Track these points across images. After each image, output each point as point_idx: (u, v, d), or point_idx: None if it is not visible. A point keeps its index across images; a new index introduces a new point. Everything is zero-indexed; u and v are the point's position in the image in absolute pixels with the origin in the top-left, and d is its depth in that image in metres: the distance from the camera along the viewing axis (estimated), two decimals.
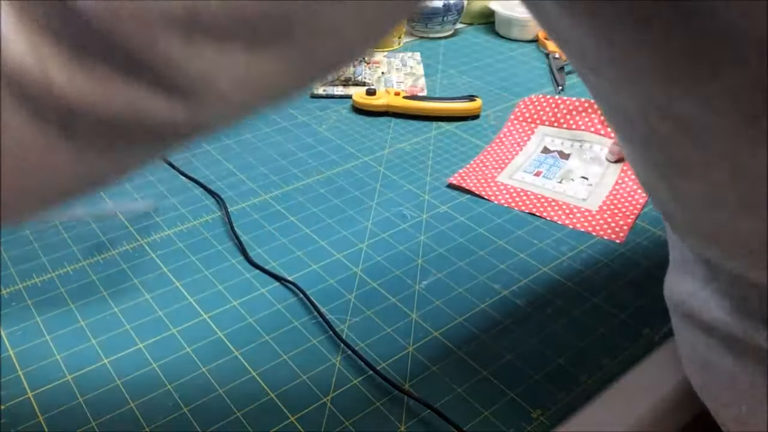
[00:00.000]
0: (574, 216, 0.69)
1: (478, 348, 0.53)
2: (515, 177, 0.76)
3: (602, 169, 0.77)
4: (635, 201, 0.71)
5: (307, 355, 0.52)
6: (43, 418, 0.46)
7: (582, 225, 0.68)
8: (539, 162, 0.79)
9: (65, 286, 0.58)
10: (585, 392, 0.49)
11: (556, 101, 0.85)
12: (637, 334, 0.55)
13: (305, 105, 0.92)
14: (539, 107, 0.86)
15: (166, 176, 0.75)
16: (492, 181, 0.75)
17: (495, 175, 0.76)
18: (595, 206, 0.71)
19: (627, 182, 0.74)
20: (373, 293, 0.58)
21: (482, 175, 0.76)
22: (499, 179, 0.75)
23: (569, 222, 0.68)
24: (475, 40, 1.17)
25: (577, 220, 0.69)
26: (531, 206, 0.71)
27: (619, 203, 0.71)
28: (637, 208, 0.70)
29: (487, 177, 0.75)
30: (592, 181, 0.75)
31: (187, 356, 0.52)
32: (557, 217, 0.69)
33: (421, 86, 0.97)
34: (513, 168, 0.77)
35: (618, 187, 0.74)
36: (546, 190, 0.73)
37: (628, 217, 0.69)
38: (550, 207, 0.70)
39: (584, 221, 0.69)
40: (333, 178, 0.75)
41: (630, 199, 0.72)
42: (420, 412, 0.47)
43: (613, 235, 0.67)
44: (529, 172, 0.76)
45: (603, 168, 0.77)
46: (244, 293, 0.58)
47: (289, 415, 0.47)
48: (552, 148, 0.81)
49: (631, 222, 0.68)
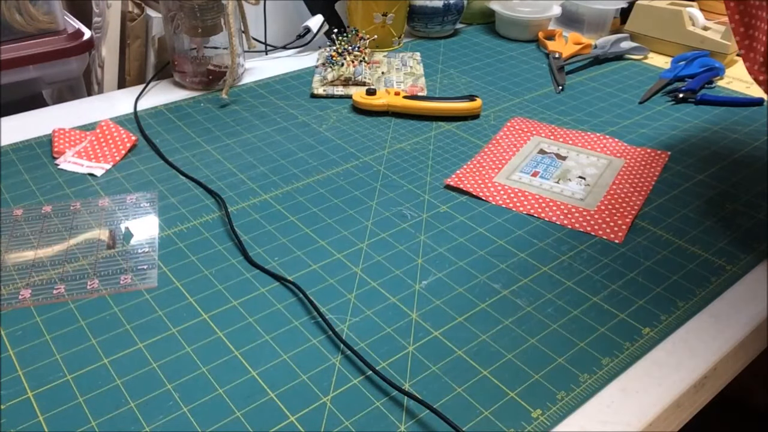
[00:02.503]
0: (573, 216, 0.69)
1: (478, 348, 0.53)
2: (512, 177, 0.76)
3: (599, 170, 0.77)
4: (633, 201, 0.71)
5: (307, 355, 0.52)
6: (43, 418, 0.46)
7: (581, 225, 0.68)
8: (536, 162, 0.78)
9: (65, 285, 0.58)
10: (585, 392, 0.49)
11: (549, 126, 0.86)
12: (637, 334, 0.55)
13: (305, 105, 0.92)
14: (532, 126, 0.87)
15: (166, 176, 0.75)
16: (489, 182, 0.74)
17: (492, 175, 0.76)
18: (593, 206, 0.71)
19: (624, 183, 0.74)
20: (373, 293, 0.58)
21: (479, 176, 0.76)
22: (496, 180, 0.75)
23: (568, 222, 0.68)
24: (475, 40, 1.17)
25: (576, 220, 0.69)
26: (529, 207, 0.70)
27: (617, 203, 0.71)
28: (635, 208, 0.70)
29: (484, 178, 0.75)
30: (589, 181, 0.75)
31: (187, 356, 0.52)
32: (555, 217, 0.69)
33: (421, 86, 0.97)
34: (510, 168, 0.77)
35: (615, 187, 0.74)
36: (543, 191, 0.73)
37: (627, 217, 0.69)
38: (548, 207, 0.70)
39: (583, 221, 0.68)
40: (333, 178, 0.75)
41: (628, 200, 0.71)
42: (419, 413, 0.47)
43: (612, 234, 0.66)
44: (526, 173, 0.76)
45: (599, 169, 0.77)
46: (244, 293, 0.58)
47: (289, 415, 0.47)
48: (548, 150, 0.81)
49: (629, 222, 0.68)
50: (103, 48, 0.98)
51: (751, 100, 0.94)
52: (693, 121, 0.90)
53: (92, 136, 0.80)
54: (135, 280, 0.59)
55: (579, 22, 1.20)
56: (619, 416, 0.48)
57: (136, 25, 0.99)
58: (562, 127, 0.86)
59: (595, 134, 0.84)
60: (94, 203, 0.69)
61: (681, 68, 1.01)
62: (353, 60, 0.96)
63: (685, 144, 0.84)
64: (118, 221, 0.67)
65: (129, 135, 0.80)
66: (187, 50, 0.92)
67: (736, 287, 0.60)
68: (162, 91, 0.95)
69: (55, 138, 0.79)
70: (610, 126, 0.87)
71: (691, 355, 0.53)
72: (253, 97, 0.94)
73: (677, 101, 0.95)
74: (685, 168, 0.78)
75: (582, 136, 0.84)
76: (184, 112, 0.89)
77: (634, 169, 0.77)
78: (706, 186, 0.75)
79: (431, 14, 1.13)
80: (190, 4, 0.87)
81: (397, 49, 1.12)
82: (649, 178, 0.76)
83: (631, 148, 0.82)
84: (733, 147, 0.83)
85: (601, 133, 0.85)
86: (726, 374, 0.56)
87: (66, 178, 0.74)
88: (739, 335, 0.55)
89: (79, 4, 1.06)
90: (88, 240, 0.64)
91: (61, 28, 0.93)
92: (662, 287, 0.60)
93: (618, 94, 0.97)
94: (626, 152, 0.81)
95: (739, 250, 0.65)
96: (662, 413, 0.49)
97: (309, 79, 1.00)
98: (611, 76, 1.03)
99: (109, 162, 0.77)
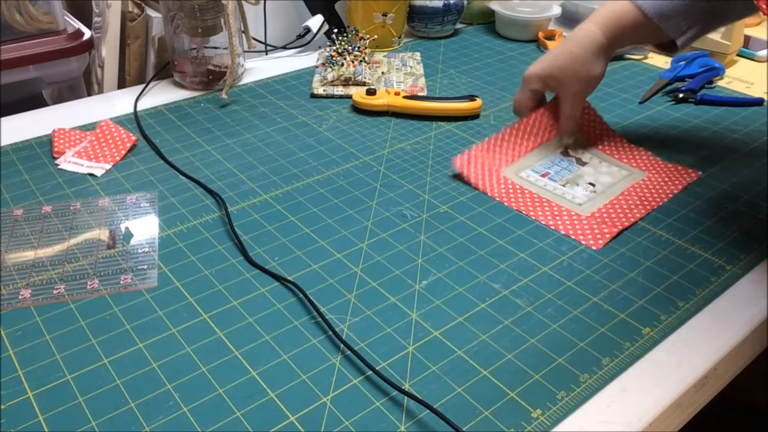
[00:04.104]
0: (561, 218, 0.68)
1: (478, 348, 0.53)
2: (521, 174, 0.75)
3: (613, 179, 0.75)
4: (632, 213, 0.69)
5: (307, 355, 0.52)
6: (43, 418, 0.46)
7: (564, 228, 0.67)
8: (552, 163, 0.77)
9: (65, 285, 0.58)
10: (585, 392, 0.49)
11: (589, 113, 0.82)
12: (637, 334, 0.55)
13: (305, 105, 0.92)
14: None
15: (166, 176, 0.75)
16: (495, 173, 0.73)
17: (501, 166, 0.75)
18: (588, 212, 0.69)
19: (633, 194, 0.72)
20: (373, 293, 0.58)
21: (489, 164, 0.74)
22: (504, 173, 0.74)
23: (552, 223, 0.67)
24: (475, 40, 1.17)
25: (561, 222, 0.68)
26: (521, 204, 0.70)
27: (613, 212, 0.69)
28: (630, 220, 0.68)
29: (492, 167, 0.74)
30: (597, 189, 0.73)
31: (187, 356, 0.52)
32: (543, 217, 0.68)
33: (421, 86, 0.97)
34: (523, 165, 0.76)
35: (622, 197, 0.72)
36: (545, 191, 0.72)
37: (615, 227, 0.67)
38: (540, 207, 0.70)
39: (568, 224, 0.67)
40: (333, 178, 0.75)
41: (627, 211, 0.69)
42: (419, 413, 0.47)
43: (592, 240, 0.65)
44: (537, 172, 0.75)
45: (614, 179, 0.75)
46: (244, 293, 0.58)
47: (289, 415, 0.47)
48: (573, 153, 0.79)
49: (616, 232, 0.66)
50: (103, 48, 0.98)
51: (751, 100, 0.94)
52: (693, 121, 0.90)
53: (92, 136, 0.80)
54: (135, 280, 0.59)
55: (579, 22, 1.19)
56: (619, 416, 0.48)
57: (136, 25, 0.99)
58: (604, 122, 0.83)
59: (629, 144, 0.81)
60: (94, 203, 0.69)
61: (681, 68, 1.01)
62: (353, 60, 0.96)
63: (685, 144, 0.84)
64: (118, 221, 0.67)
65: (129, 135, 0.80)
66: (187, 50, 0.92)
67: (736, 287, 0.60)
68: (162, 91, 0.95)
69: (55, 138, 0.79)
70: (610, 126, 0.87)
71: (691, 355, 0.53)
72: (253, 97, 0.94)
73: (677, 101, 0.95)
74: None
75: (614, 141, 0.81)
76: (184, 112, 0.89)
77: (653, 183, 0.74)
78: (706, 186, 0.75)
79: (431, 14, 1.13)
80: (190, 4, 0.87)
81: (397, 49, 1.12)
82: (663, 194, 0.72)
83: (662, 163, 0.78)
84: (733, 147, 0.83)
85: None
86: (726, 374, 0.56)
87: (66, 178, 0.74)
88: (739, 335, 0.55)
89: (79, 4, 1.06)
90: (88, 240, 0.64)
91: (61, 28, 0.93)
92: (662, 287, 0.60)
93: (618, 94, 0.97)
94: (653, 166, 0.78)
95: (739, 250, 0.65)
96: (662, 413, 0.49)
97: (309, 79, 1.00)
98: (611, 76, 1.03)
99: (109, 162, 0.77)
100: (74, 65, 0.95)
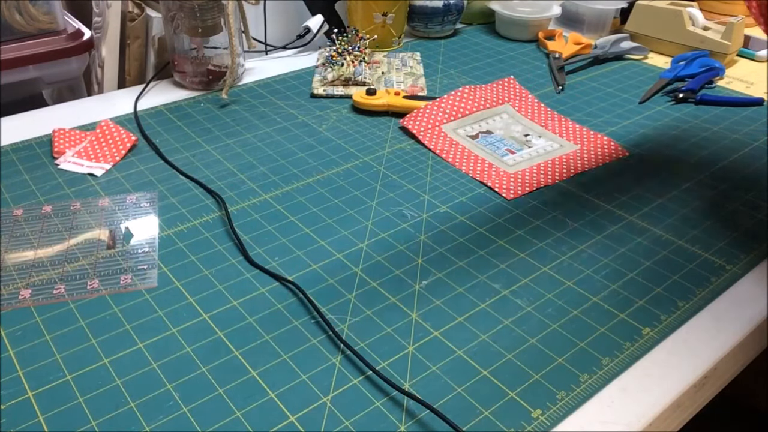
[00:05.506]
0: (488, 172, 0.75)
1: (478, 348, 0.53)
2: (458, 131, 0.82)
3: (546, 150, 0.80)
4: (552, 175, 0.75)
5: (307, 355, 0.52)
6: (43, 418, 0.46)
7: (482, 177, 0.74)
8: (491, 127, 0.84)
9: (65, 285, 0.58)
10: (585, 392, 0.49)
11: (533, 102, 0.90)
12: (637, 334, 0.55)
13: (305, 105, 0.92)
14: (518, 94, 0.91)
15: (166, 176, 0.75)
16: (438, 127, 0.82)
17: (444, 122, 0.83)
18: (513, 171, 0.76)
19: (561, 162, 0.78)
20: (373, 293, 0.58)
21: (434, 118, 0.83)
22: (444, 128, 0.82)
23: (479, 177, 0.74)
24: (475, 40, 1.17)
25: (488, 175, 0.75)
26: (453, 156, 0.78)
27: (536, 173, 0.75)
28: (548, 180, 0.74)
29: (436, 121, 0.83)
30: (530, 154, 0.79)
31: (187, 356, 0.52)
32: (472, 171, 0.75)
33: (421, 86, 0.97)
34: (462, 123, 0.84)
35: (550, 162, 0.78)
36: (477, 148, 0.80)
37: (529, 186, 0.73)
38: (469, 160, 0.77)
39: (488, 175, 0.74)
40: (333, 178, 0.75)
41: (550, 174, 0.75)
42: (419, 413, 0.47)
43: (505, 192, 0.72)
44: (474, 132, 0.83)
45: (547, 151, 0.80)
46: (244, 293, 0.58)
47: (289, 415, 0.47)
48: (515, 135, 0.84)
49: (528, 189, 0.73)
50: (103, 48, 0.98)
51: (751, 100, 0.94)
52: (693, 121, 0.90)
53: (92, 136, 0.80)
54: (135, 280, 0.59)
55: (579, 22, 1.20)
56: (619, 416, 0.48)
57: (136, 25, 0.99)
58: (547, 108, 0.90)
59: (572, 123, 0.86)
60: (94, 203, 0.69)
61: (681, 68, 1.01)
62: (353, 60, 0.96)
63: (685, 144, 0.84)
64: (118, 221, 0.67)
65: (129, 135, 0.80)
66: (187, 50, 0.92)
67: (736, 287, 0.60)
68: (162, 91, 0.95)
69: (55, 138, 0.79)
70: (610, 126, 0.87)
71: (691, 355, 0.53)
72: (253, 97, 0.94)
73: (677, 101, 0.95)
74: (686, 168, 0.78)
75: (556, 119, 0.87)
76: (184, 112, 0.89)
77: (582, 153, 0.80)
78: (706, 186, 0.75)
79: (431, 14, 1.13)
80: (190, 4, 0.87)
81: (397, 49, 1.12)
82: (588, 164, 0.78)
83: (598, 138, 0.83)
84: (733, 147, 0.83)
85: (602, 132, 0.85)
86: (726, 374, 0.56)
87: (66, 178, 0.74)
88: (739, 335, 0.55)
89: (79, 4, 1.06)
90: (88, 240, 0.64)
91: (61, 28, 0.93)
92: (662, 287, 0.60)
93: (618, 94, 0.97)
94: (588, 140, 0.83)
95: (739, 250, 0.65)
96: (662, 413, 0.49)
97: (309, 79, 1.00)
98: (611, 76, 1.03)
99: (109, 162, 0.77)
100: (74, 65, 0.95)
